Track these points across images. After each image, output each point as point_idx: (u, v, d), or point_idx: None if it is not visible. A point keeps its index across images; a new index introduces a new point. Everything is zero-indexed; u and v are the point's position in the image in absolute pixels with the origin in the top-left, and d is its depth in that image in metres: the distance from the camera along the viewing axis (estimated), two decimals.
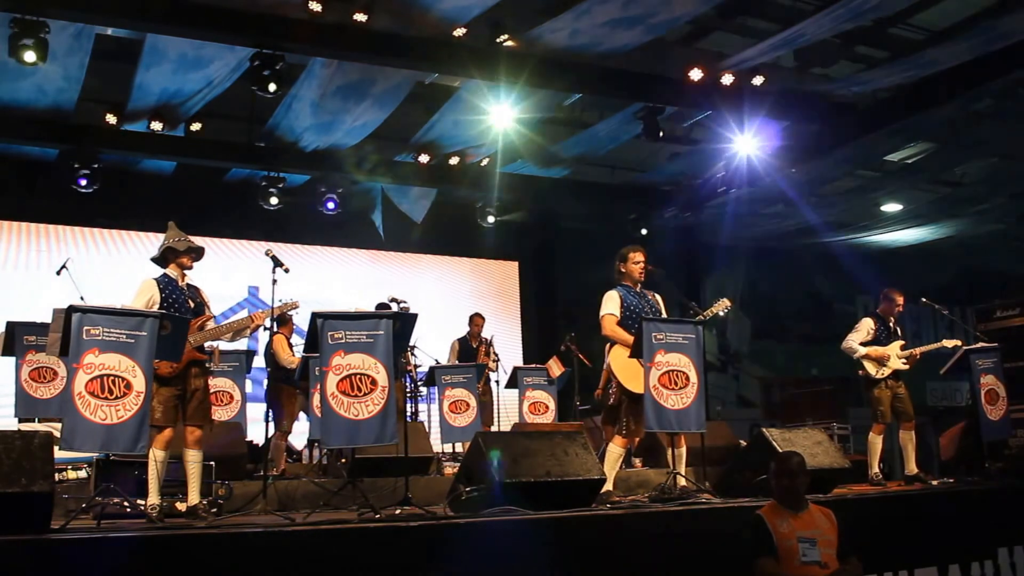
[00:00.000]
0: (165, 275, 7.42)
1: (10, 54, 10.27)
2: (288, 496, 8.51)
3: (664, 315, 8.32)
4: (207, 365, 7.52)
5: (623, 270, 8.32)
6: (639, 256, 8.30)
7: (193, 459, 7.13)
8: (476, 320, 13.02)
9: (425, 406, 12.64)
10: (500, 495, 6.39)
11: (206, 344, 7.54)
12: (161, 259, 7.49)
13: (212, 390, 10.42)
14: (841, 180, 16.72)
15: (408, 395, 11.85)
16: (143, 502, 6.85)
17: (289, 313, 10.49)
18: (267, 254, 8.04)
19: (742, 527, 5.94)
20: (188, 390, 7.17)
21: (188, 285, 7.51)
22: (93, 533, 5.35)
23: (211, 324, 7.51)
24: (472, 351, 12.79)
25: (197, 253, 7.54)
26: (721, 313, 8.57)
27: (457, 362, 12.58)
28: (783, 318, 21.49)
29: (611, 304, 8.14)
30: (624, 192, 17.50)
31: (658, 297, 8.41)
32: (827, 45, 12.95)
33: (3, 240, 14.26)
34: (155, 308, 7.06)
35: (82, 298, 8.83)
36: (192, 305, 7.37)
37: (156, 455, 6.84)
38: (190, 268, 7.52)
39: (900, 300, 10.10)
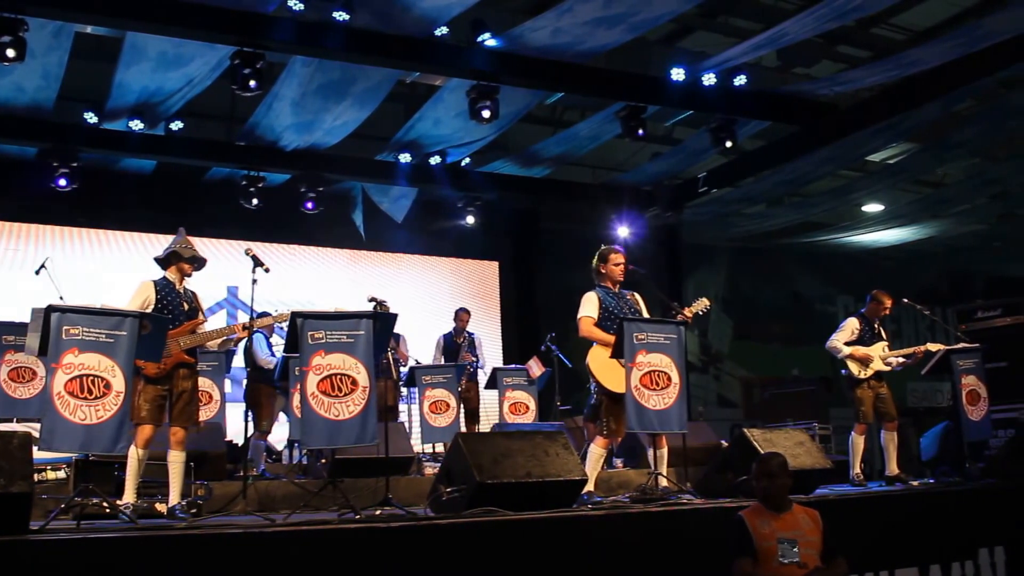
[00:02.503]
0: (164, 278, 7.53)
1: None
2: (268, 497, 8.49)
3: (645, 314, 8.29)
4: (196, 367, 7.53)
5: (602, 271, 8.25)
6: (619, 258, 8.24)
7: (176, 460, 7.15)
8: (461, 315, 13.00)
9: (405, 406, 12.61)
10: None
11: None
12: (164, 261, 7.59)
13: None
14: (823, 180, 16.75)
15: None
16: (120, 501, 6.82)
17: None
18: (247, 253, 8.03)
19: (723, 528, 5.93)
20: (175, 391, 7.20)
21: (185, 289, 7.61)
22: (73, 534, 5.30)
23: (202, 329, 7.53)
24: (457, 347, 12.79)
25: (200, 263, 7.67)
26: (701, 312, 8.54)
27: (442, 358, 12.61)
28: (764, 318, 21.54)
29: (589, 306, 8.09)
30: (605, 192, 17.49)
31: (637, 296, 8.36)
32: (809, 45, 13.00)
33: None
34: (150, 309, 7.14)
35: (61, 298, 8.76)
36: (186, 308, 7.47)
37: (136, 453, 6.83)
38: (189, 275, 7.63)
39: (888, 303, 10.12)
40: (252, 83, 10.98)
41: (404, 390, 12.18)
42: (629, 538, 6.32)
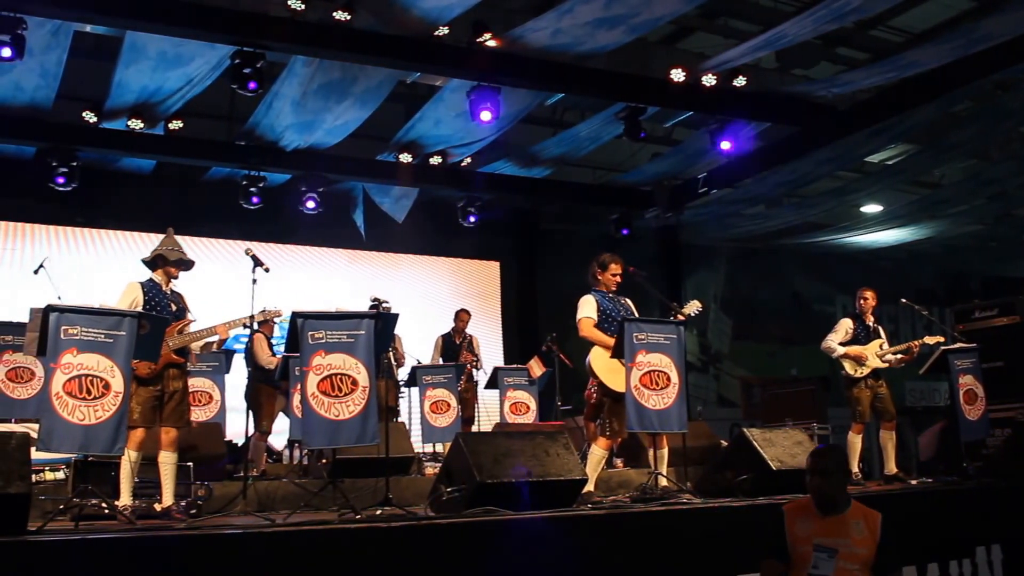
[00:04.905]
0: (151, 279, 7.52)
1: None
2: (268, 497, 8.48)
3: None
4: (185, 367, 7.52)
5: (599, 277, 8.30)
6: (618, 268, 8.27)
7: (168, 460, 7.15)
8: (461, 316, 13.00)
9: (406, 406, 12.61)
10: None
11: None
12: (151, 263, 7.58)
13: (191, 390, 10.47)
14: (821, 181, 16.76)
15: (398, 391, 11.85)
16: (119, 503, 6.82)
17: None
18: (247, 253, 8.05)
19: (723, 527, 5.91)
20: (166, 392, 7.21)
21: (172, 290, 7.59)
22: (71, 535, 5.29)
23: (190, 329, 7.53)
24: (455, 347, 12.79)
25: (187, 266, 7.64)
26: (693, 314, 8.54)
27: (440, 358, 12.60)
28: (763, 318, 21.53)
29: (588, 308, 8.14)
30: (605, 192, 17.52)
31: (630, 302, 8.41)
32: (808, 47, 13.00)
33: None
34: (138, 310, 7.09)
35: (59, 297, 8.76)
36: (174, 309, 7.45)
37: (129, 455, 6.84)
38: (176, 277, 7.62)
39: (869, 295, 10.16)
40: (252, 83, 10.98)
41: (404, 390, 12.19)
42: (629, 538, 6.32)
